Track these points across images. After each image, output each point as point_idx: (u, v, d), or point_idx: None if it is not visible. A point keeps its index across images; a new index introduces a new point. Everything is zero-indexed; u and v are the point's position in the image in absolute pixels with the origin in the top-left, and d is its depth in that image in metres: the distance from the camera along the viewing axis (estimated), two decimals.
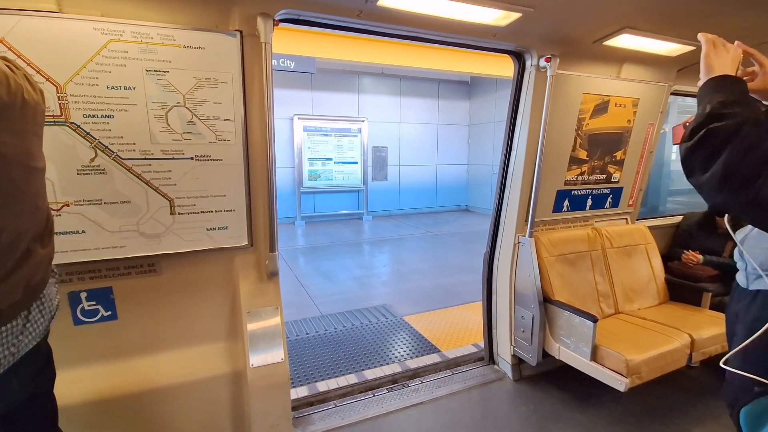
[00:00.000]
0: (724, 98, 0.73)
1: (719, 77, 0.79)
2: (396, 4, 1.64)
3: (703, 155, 0.69)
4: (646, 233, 2.84)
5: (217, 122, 1.61)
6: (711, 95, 0.76)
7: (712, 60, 0.82)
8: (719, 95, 0.74)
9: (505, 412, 2.26)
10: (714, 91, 0.76)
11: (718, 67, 0.81)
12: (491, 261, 2.63)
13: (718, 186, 0.67)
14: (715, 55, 0.82)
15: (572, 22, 1.91)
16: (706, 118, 0.71)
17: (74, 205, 1.48)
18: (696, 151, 0.70)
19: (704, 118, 0.72)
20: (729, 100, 0.72)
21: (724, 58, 0.82)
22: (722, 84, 0.78)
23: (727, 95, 0.74)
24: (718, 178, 0.66)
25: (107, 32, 1.40)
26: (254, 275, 1.83)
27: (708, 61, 0.83)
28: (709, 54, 0.83)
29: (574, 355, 2.15)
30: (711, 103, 0.73)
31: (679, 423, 2.15)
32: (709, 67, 0.82)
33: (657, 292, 2.73)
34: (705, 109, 0.73)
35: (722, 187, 0.66)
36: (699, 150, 0.70)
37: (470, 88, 10.19)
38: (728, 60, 0.82)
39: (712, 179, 0.67)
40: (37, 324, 0.96)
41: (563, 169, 2.49)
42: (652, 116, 2.67)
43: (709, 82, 0.79)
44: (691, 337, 2.16)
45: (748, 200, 0.63)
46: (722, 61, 0.81)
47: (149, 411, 1.70)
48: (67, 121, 1.42)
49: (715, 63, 0.81)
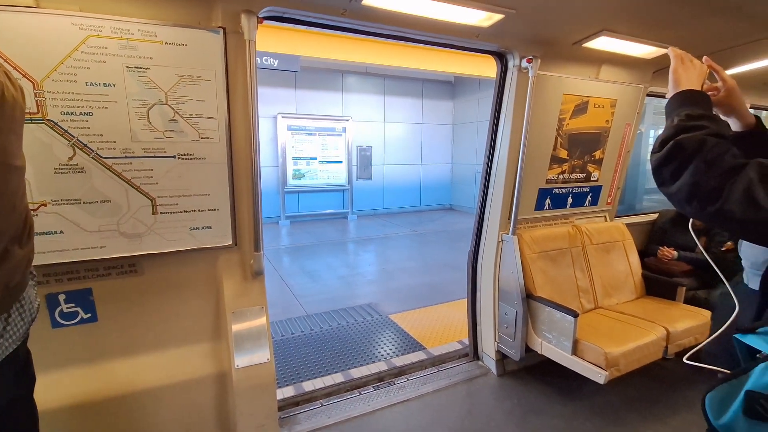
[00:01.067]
0: (691, 111, 0.77)
1: (686, 91, 0.83)
2: (380, 3, 1.65)
3: (673, 166, 0.72)
4: (624, 230, 2.93)
5: (200, 120, 1.59)
6: (679, 108, 0.80)
7: (680, 74, 0.86)
8: (686, 108, 0.78)
9: (489, 406, 2.30)
10: (682, 105, 0.81)
11: (686, 81, 0.85)
12: (475, 259, 2.67)
13: (687, 197, 0.70)
14: (683, 69, 0.86)
15: (553, 24, 1.96)
16: (675, 130, 0.75)
17: (52, 205, 1.44)
18: (666, 162, 0.74)
19: (673, 130, 0.75)
20: (695, 113, 0.77)
21: (691, 72, 0.86)
22: (689, 98, 0.82)
23: (693, 109, 0.78)
24: (686, 189, 0.70)
25: (86, 27, 1.37)
26: (239, 275, 1.82)
27: (676, 75, 0.86)
28: (677, 69, 0.87)
29: (556, 349, 2.21)
30: (679, 116, 0.77)
31: (656, 413, 2.23)
32: (677, 81, 0.86)
33: (634, 287, 2.82)
34: (673, 121, 0.77)
35: (691, 198, 0.70)
36: (668, 161, 0.73)
37: (454, 87, 10.28)
38: (695, 75, 0.86)
39: (681, 191, 0.71)
40: (17, 327, 0.93)
41: (545, 168, 2.54)
42: (630, 117, 2.76)
43: (677, 96, 0.83)
44: (667, 330, 2.24)
45: (714, 211, 0.66)
46: (689, 76, 0.85)
47: (131, 414, 1.67)
48: (44, 118, 1.38)
49: (682, 77, 0.85)
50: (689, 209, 0.71)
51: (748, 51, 2.27)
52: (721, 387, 0.72)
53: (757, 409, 0.67)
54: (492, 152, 2.48)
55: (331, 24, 1.81)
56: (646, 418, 2.19)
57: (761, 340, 0.72)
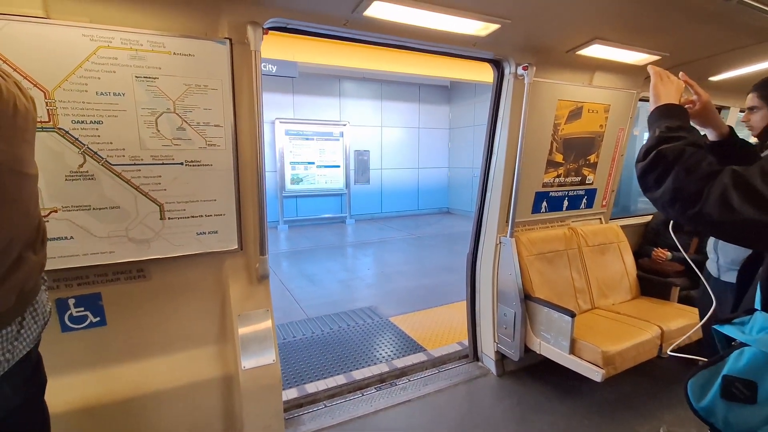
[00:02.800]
0: (670, 123, 0.85)
1: (666, 105, 0.91)
2: (381, 14, 1.70)
3: (656, 174, 0.79)
4: (619, 232, 2.99)
5: (207, 128, 1.63)
6: (659, 121, 0.88)
7: (659, 90, 0.94)
8: (666, 121, 0.87)
9: (489, 406, 2.34)
10: (661, 117, 0.89)
11: (665, 96, 0.93)
12: (474, 261, 2.71)
13: (670, 202, 0.77)
14: (662, 85, 0.95)
15: (547, 33, 2.02)
16: (656, 141, 0.83)
17: (62, 211, 1.48)
18: (650, 169, 0.81)
19: (655, 141, 0.83)
20: (674, 125, 0.85)
21: (669, 88, 0.94)
22: (668, 111, 0.90)
23: (672, 121, 0.86)
24: (669, 194, 0.77)
25: (96, 39, 1.41)
26: (244, 278, 1.85)
27: (656, 91, 0.94)
28: (657, 84, 0.95)
29: (554, 349, 2.25)
30: (660, 128, 0.85)
31: (651, 409, 2.28)
32: (657, 96, 0.94)
33: (629, 287, 2.87)
34: (655, 132, 0.85)
35: (673, 203, 0.76)
36: (652, 169, 0.81)
37: (450, 92, 10.37)
38: (673, 90, 0.94)
39: (664, 196, 0.78)
40: (30, 330, 0.97)
41: (541, 171, 2.60)
42: (623, 121, 2.83)
43: (657, 110, 0.91)
44: (661, 328, 2.30)
45: (694, 214, 0.73)
46: (668, 91, 0.94)
47: (139, 417, 1.69)
48: (55, 127, 1.42)
49: (662, 92, 0.93)
50: (672, 212, 0.78)
51: (735, 57, 2.35)
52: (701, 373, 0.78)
53: (732, 392, 0.73)
54: (490, 156, 2.54)
55: (333, 34, 1.86)
56: (642, 415, 2.24)
57: (736, 330, 0.78)
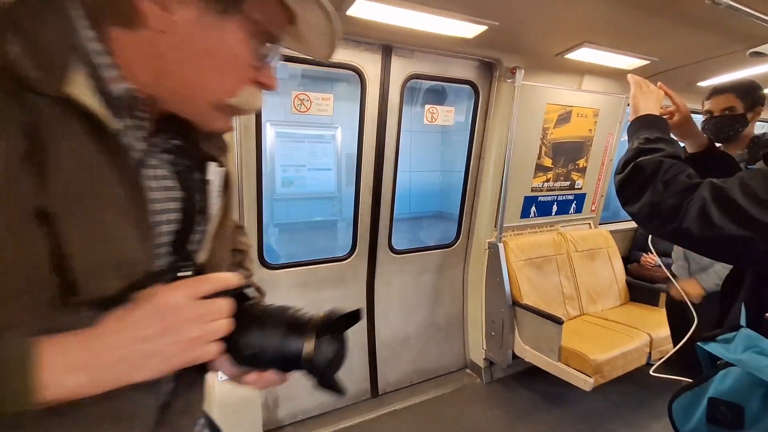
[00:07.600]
0: (649, 135, 0.83)
1: (645, 116, 0.88)
2: (365, 15, 1.66)
3: (634, 187, 0.76)
4: (608, 237, 2.97)
5: None
6: (638, 132, 0.85)
7: (638, 100, 0.91)
8: (645, 132, 0.84)
9: (477, 414, 2.30)
10: (641, 128, 0.86)
11: (644, 106, 0.90)
12: (463, 267, 2.67)
13: (648, 217, 0.74)
14: (641, 95, 0.91)
15: (535, 36, 1.99)
16: (634, 153, 0.80)
17: None
18: (627, 182, 0.78)
19: (633, 153, 0.81)
20: (653, 136, 0.82)
21: (649, 98, 0.91)
22: (647, 122, 0.87)
23: (651, 132, 0.83)
24: (647, 209, 0.74)
25: None
26: None
27: (635, 101, 0.92)
28: (636, 95, 0.92)
29: (542, 356, 2.22)
30: (638, 139, 0.83)
31: (640, 419, 2.25)
32: (636, 106, 0.91)
33: (618, 293, 2.85)
34: (633, 144, 0.83)
35: (651, 218, 0.74)
36: (630, 182, 0.78)
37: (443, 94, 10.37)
38: (652, 100, 0.91)
39: (642, 210, 0.75)
40: None
41: (530, 176, 2.58)
42: (612, 126, 2.81)
43: (636, 121, 0.89)
44: (650, 336, 2.27)
45: (673, 229, 0.70)
46: (647, 101, 0.91)
47: None
48: None
49: (641, 103, 0.91)
50: (651, 227, 0.75)
51: (724, 62, 2.34)
52: (686, 395, 0.75)
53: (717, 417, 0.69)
54: (479, 160, 2.51)
55: None
56: (630, 424, 2.21)
57: (721, 348, 0.75)
